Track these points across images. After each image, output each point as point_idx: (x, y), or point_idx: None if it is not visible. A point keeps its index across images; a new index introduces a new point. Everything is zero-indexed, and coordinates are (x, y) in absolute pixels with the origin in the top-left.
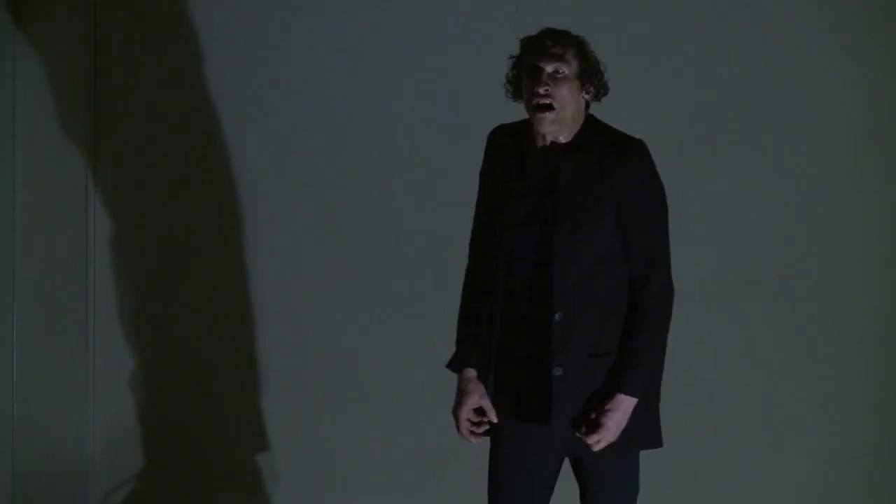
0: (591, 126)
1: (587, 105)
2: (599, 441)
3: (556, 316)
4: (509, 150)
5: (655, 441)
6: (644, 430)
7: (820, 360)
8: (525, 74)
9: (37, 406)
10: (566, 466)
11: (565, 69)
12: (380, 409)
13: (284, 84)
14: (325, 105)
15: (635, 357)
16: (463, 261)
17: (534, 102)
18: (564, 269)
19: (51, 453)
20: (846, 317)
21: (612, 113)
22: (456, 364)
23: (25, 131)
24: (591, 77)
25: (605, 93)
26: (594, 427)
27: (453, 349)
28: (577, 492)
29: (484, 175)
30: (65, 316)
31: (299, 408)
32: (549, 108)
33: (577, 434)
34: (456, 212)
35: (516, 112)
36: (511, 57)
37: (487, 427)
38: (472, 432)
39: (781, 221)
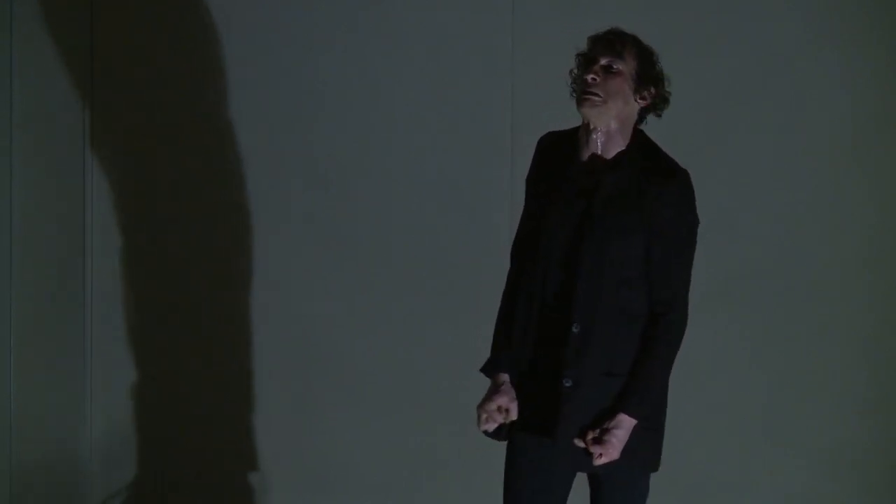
0: (642, 145)
1: (642, 117)
2: (601, 456)
3: (574, 327)
4: (555, 157)
5: (654, 464)
6: (644, 453)
7: (820, 361)
8: (581, 65)
9: (34, 409)
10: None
11: (620, 65)
12: (377, 412)
13: (284, 84)
14: (325, 105)
15: (644, 381)
16: (462, 262)
17: (581, 89)
18: (589, 282)
19: (48, 456)
20: (846, 318)
21: None
22: (490, 369)
23: (23, 131)
24: (648, 84)
25: (665, 106)
26: (596, 441)
27: (452, 351)
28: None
29: (530, 181)
30: (62, 317)
31: (297, 411)
32: (595, 94)
33: (579, 445)
34: (454, 213)
35: (516, 114)
36: (578, 54)
37: (500, 423)
38: (488, 422)
39: (781, 222)
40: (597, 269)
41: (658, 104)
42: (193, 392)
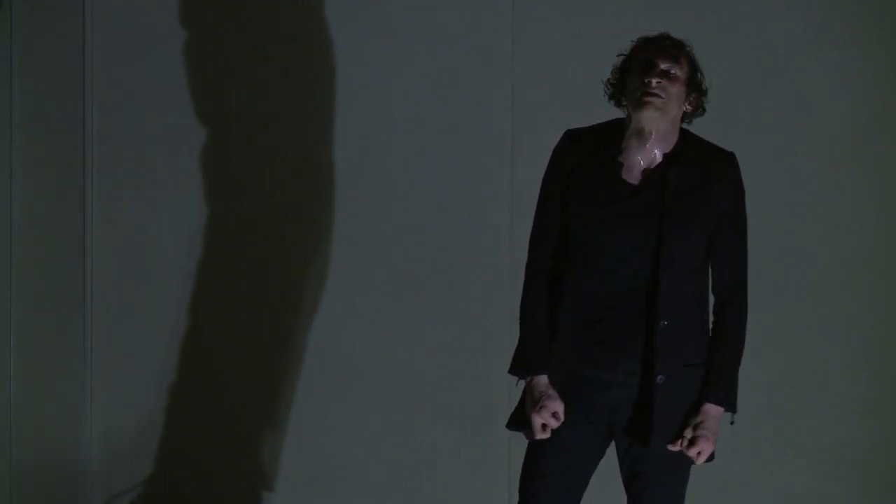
0: (688, 137)
1: (682, 118)
2: (700, 453)
3: (662, 324)
4: (590, 152)
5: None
6: None
7: (820, 361)
8: (637, 69)
9: (34, 409)
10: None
11: (678, 71)
12: (377, 412)
13: (284, 84)
14: (326, 105)
15: (727, 367)
16: (462, 262)
17: (643, 91)
18: (670, 277)
19: (48, 456)
20: (846, 318)
21: (609, 113)
22: (524, 371)
23: (23, 131)
24: (696, 90)
25: (701, 114)
26: (692, 441)
27: (452, 351)
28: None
29: (561, 177)
30: (63, 316)
31: (297, 411)
32: (657, 96)
33: (674, 448)
34: (454, 213)
35: (516, 114)
36: (619, 55)
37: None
38: (545, 430)
39: (781, 222)
40: (675, 263)
41: (696, 112)
42: (194, 392)
